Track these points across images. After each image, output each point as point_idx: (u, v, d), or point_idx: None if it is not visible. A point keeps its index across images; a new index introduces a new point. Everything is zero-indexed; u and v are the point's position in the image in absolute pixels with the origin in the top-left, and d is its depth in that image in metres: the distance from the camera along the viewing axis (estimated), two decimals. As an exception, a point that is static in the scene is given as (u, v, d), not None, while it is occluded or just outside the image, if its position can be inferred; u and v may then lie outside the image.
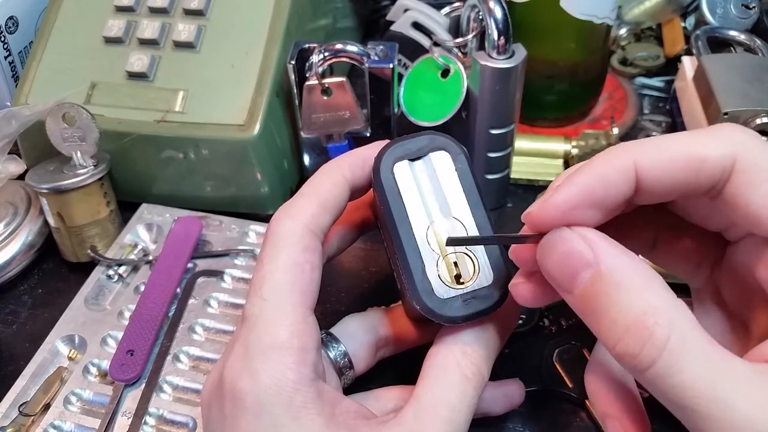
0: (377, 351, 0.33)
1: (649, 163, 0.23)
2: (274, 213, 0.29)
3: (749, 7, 0.56)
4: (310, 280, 0.28)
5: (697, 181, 0.23)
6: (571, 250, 0.23)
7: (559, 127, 0.54)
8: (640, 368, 0.21)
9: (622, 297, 0.22)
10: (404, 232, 0.28)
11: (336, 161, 0.30)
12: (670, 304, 0.22)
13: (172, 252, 0.43)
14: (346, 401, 0.28)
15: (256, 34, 0.46)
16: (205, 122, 0.44)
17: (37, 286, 0.45)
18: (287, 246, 0.28)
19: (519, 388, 0.34)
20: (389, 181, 0.28)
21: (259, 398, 0.25)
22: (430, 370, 0.27)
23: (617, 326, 0.22)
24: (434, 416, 0.26)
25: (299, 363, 0.26)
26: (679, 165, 0.23)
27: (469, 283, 0.28)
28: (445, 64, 0.44)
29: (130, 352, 0.37)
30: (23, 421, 0.35)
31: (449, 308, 0.27)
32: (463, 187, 0.28)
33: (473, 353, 0.27)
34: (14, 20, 0.52)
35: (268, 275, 0.27)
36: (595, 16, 0.48)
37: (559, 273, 0.24)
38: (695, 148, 0.23)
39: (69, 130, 0.43)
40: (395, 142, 0.29)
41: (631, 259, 0.23)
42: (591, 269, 0.22)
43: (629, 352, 0.21)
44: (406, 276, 0.27)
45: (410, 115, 0.44)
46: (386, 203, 0.28)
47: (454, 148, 0.29)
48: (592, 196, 0.23)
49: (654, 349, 0.21)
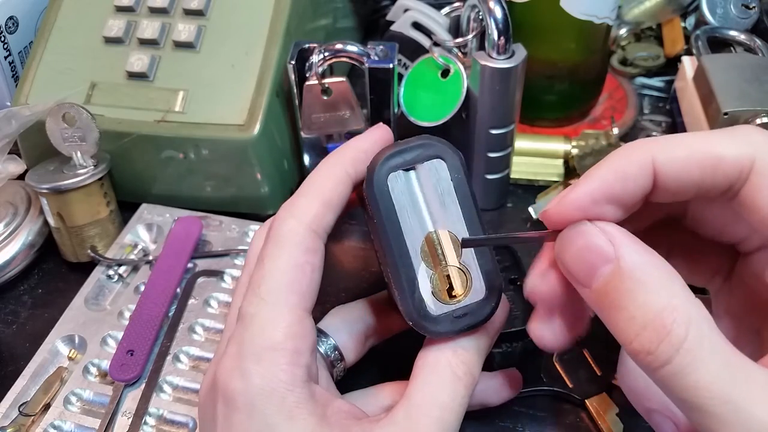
0: (366, 340, 0.34)
1: (666, 158, 0.23)
2: (276, 212, 0.29)
3: (749, 7, 0.56)
4: (309, 281, 0.28)
5: (713, 180, 0.23)
6: (590, 244, 0.23)
7: (559, 127, 0.54)
8: (654, 366, 0.21)
9: (641, 293, 0.22)
10: (397, 246, 0.27)
11: (337, 156, 0.30)
12: (689, 304, 0.21)
13: (172, 252, 0.43)
14: (338, 402, 0.28)
15: (256, 34, 0.46)
16: (205, 122, 0.44)
17: (37, 286, 0.45)
18: (289, 246, 0.27)
19: (516, 377, 0.34)
20: (383, 194, 0.27)
21: (251, 398, 0.25)
22: (421, 370, 0.27)
23: (634, 322, 0.22)
24: (425, 416, 0.26)
25: (292, 364, 0.26)
26: (696, 162, 0.23)
27: (462, 298, 0.27)
28: (445, 64, 0.44)
29: (130, 352, 0.37)
30: (23, 421, 0.35)
31: (441, 325, 0.27)
32: (458, 198, 0.28)
33: (464, 353, 0.27)
34: (14, 20, 0.52)
35: (267, 274, 0.27)
36: (595, 16, 0.48)
37: (577, 267, 0.23)
38: (713, 147, 0.23)
39: (69, 130, 0.43)
40: (388, 151, 0.28)
41: (652, 256, 0.23)
42: (610, 264, 0.22)
43: (645, 349, 0.21)
44: (399, 292, 0.27)
45: (410, 115, 0.44)
46: (380, 217, 0.27)
47: (449, 155, 0.28)
48: (611, 190, 0.23)
49: (670, 347, 0.21)
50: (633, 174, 0.23)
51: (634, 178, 0.23)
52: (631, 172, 0.23)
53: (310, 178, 0.29)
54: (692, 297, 0.22)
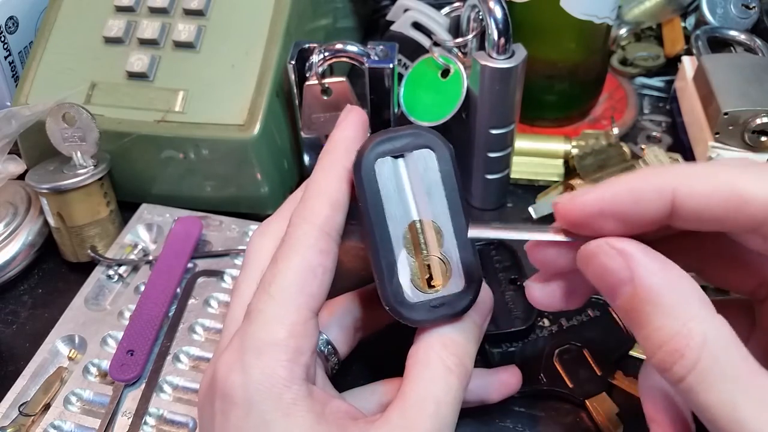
0: (355, 332, 0.34)
1: (688, 190, 0.22)
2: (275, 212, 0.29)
3: (749, 7, 0.56)
4: (320, 283, 0.28)
5: (736, 221, 0.22)
6: (606, 266, 0.23)
7: (559, 127, 0.54)
8: (671, 381, 0.22)
9: (657, 316, 0.22)
10: (380, 231, 0.27)
11: (331, 154, 0.30)
12: (706, 324, 0.22)
13: (172, 252, 0.43)
14: (335, 401, 0.28)
15: (256, 34, 0.46)
16: (205, 122, 0.44)
17: (37, 286, 0.45)
18: (302, 248, 0.28)
19: (515, 375, 0.34)
20: (370, 178, 0.27)
21: (249, 393, 0.25)
22: (413, 367, 0.27)
23: (652, 342, 0.22)
24: (420, 412, 0.26)
25: (292, 362, 0.26)
26: (720, 200, 0.22)
27: (440, 288, 0.27)
28: (445, 64, 0.44)
29: (130, 352, 0.37)
30: (23, 421, 0.35)
31: (417, 312, 0.27)
32: (444, 189, 0.28)
33: (453, 345, 0.28)
34: (14, 20, 0.52)
35: (279, 274, 0.27)
36: (595, 16, 0.48)
37: (599, 285, 0.24)
38: (739, 186, 0.22)
39: (69, 130, 0.43)
40: (379, 137, 0.28)
41: (668, 275, 0.22)
42: (628, 286, 0.23)
43: (662, 366, 0.22)
44: (378, 276, 0.27)
45: (410, 115, 0.44)
46: (365, 200, 0.27)
47: (439, 146, 0.28)
48: (621, 208, 0.23)
49: (683, 369, 0.21)
50: (648, 199, 0.23)
51: (647, 202, 0.23)
52: (646, 197, 0.23)
53: (313, 180, 0.29)
54: (711, 316, 0.22)
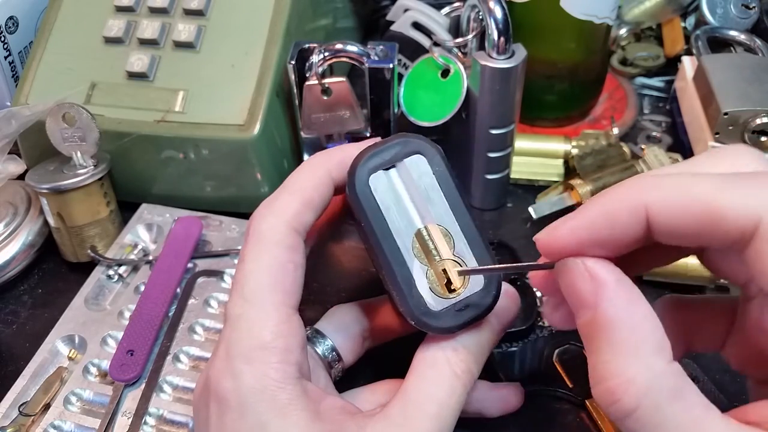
0: (364, 341, 0.33)
1: (661, 207, 0.22)
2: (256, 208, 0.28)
3: (749, 7, 0.56)
4: (293, 279, 0.27)
5: (711, 237, 0.21)
6: (575, 286, 0.23)
7: (559, 127, 0.54)
8: (612, 417, 0.22)
9: (607, 350, 0.21)
10: (388, 247, 0.27)
11: (324, 157, 0.29)
12: (653, 375, 0.21)
13: (172, 252, 0.43)
14: (331, 398, 0.28)
15: (256, 34, 0.46)
16: (205, 122, 0.44)
17: (37, 286, 0.45)
18: (270, 245, 0.27)
19: (517, 392, 0.33)
20: (366, 195, 0.27)
21: (243, 398, 0.25)
22: (419, 365, 0.27)
23: (597, 373, 0.22)
24: (421, 411, 0.26)
25: (283, 362, 0.26)
26: (694, 216, 0.21)
27: (461, 290, 0.27)
28: (445, 64, 0.44)
29: (130, 352, 0.37)
30: (23, 421, 0.35)
31: (444, 320, 0.27)
32: (443, 190, 0.27)
33: (464, 351, 0.27)
34: (14, 20, 0.52)
35: (249, 275, 0.27)
36: (595, 16, 0.48)
37: (568, 299, 0.24)
38: (714, 201, 0.21)
39: (69, 130, 0.43)
40: (367, 152, 0.27)
41: (631, 313, 0.22)
42: (591, 310, 0.22)
43: (601, 402, 0.22)
44: (397, 292, 0.27)
45: (410, 115, 0.44)
46: (367, 219, 0.27)
47: (429, 149, 0.28)
48: (599, 235, 0.23)
49: (619, 412, 0.21)
50: (623, 222, 0.22)
51: (622, 226, 0.22)
52: (620, 221, 0.22)
53: (291, 176, 0.29)
54: (663, 363, 0.21)
